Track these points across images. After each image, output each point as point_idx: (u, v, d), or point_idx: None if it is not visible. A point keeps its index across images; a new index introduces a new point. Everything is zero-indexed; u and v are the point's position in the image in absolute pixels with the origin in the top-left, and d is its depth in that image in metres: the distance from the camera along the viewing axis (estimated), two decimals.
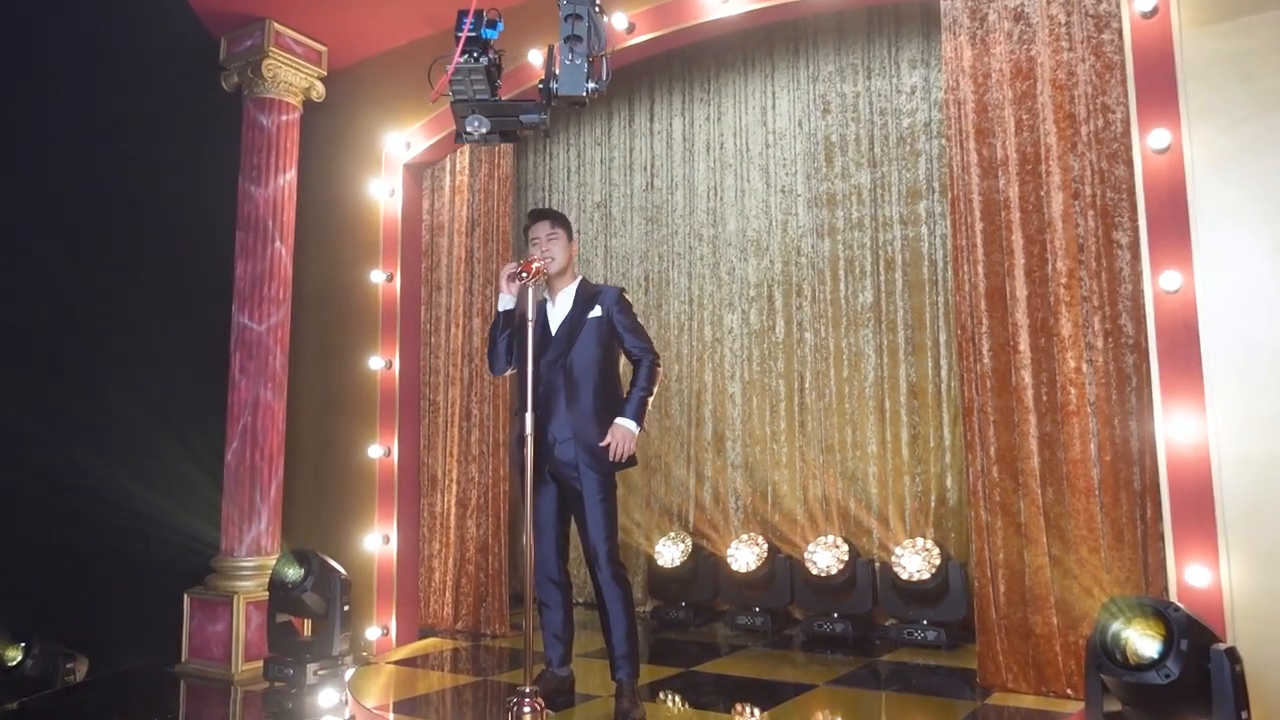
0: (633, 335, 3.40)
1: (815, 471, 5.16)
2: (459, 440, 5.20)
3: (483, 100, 2.47)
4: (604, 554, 3.27)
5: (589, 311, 3.40)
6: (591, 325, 3.38)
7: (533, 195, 6.46)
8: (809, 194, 5.39)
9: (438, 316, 5.32)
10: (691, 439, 5.58)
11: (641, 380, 3.31)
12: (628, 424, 3.26)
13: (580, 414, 3.31)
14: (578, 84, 2.42)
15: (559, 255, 3.43)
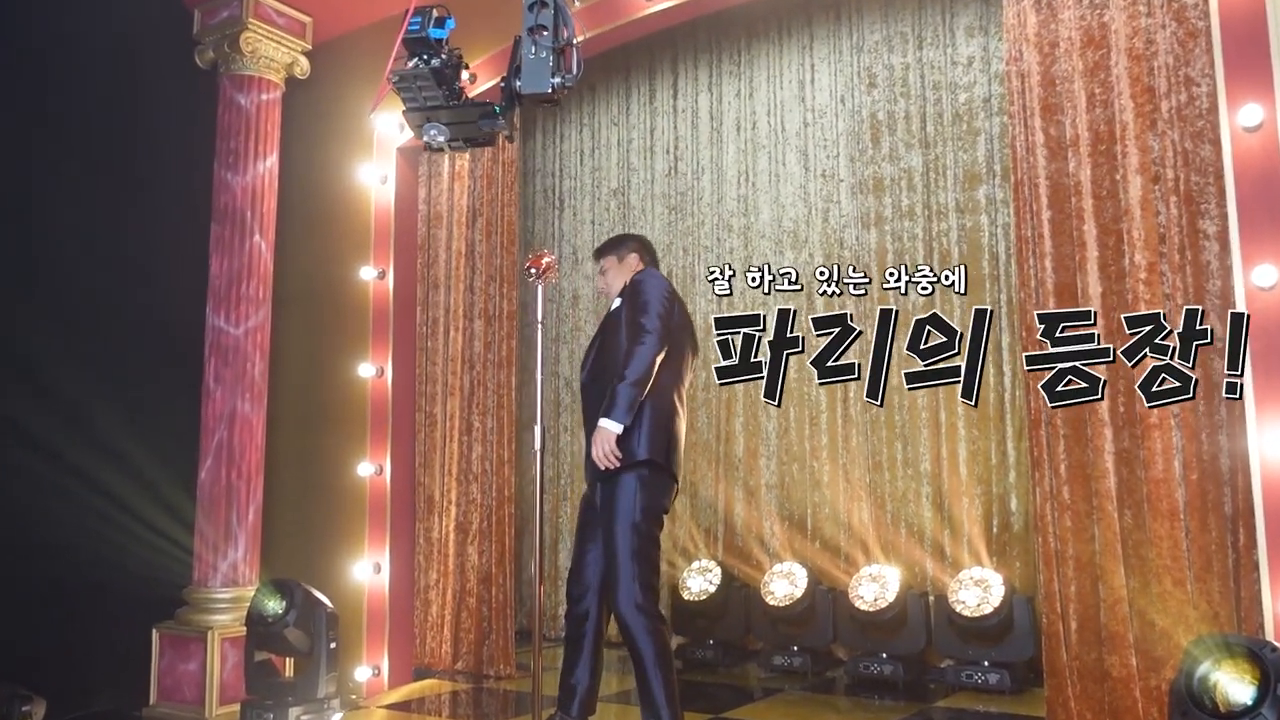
0: (634, 312, 3.21)
1: (861, 493, 5.17)
2: (459, 457, 5.24)
3: (436, 107, 2.47)
4: (632, 599, 3.08)
5: (612, 304, 3.44)
6: (611, 321, 3.40)
7: (541, 181, 6.52)
8: (853, 179, 5.41)
9: (435, 318, 5.37)
10: (720, 455, 5.61)
11: (624, 368, 3.11)
12: (604, 424, 3.09)
13: (592, 423, 3.29)
14: (541, 80, 2.42)
15: (613, 284, 3.50)
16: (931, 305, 5.09)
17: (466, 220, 5.40)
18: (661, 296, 3.24)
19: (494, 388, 5.35)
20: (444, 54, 2.42)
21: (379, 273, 5.30)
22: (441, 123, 2.52)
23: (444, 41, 2.44)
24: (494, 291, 5.42)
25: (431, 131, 2.51)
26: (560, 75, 2.42)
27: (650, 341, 3.15)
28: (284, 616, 4.38)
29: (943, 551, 4.91)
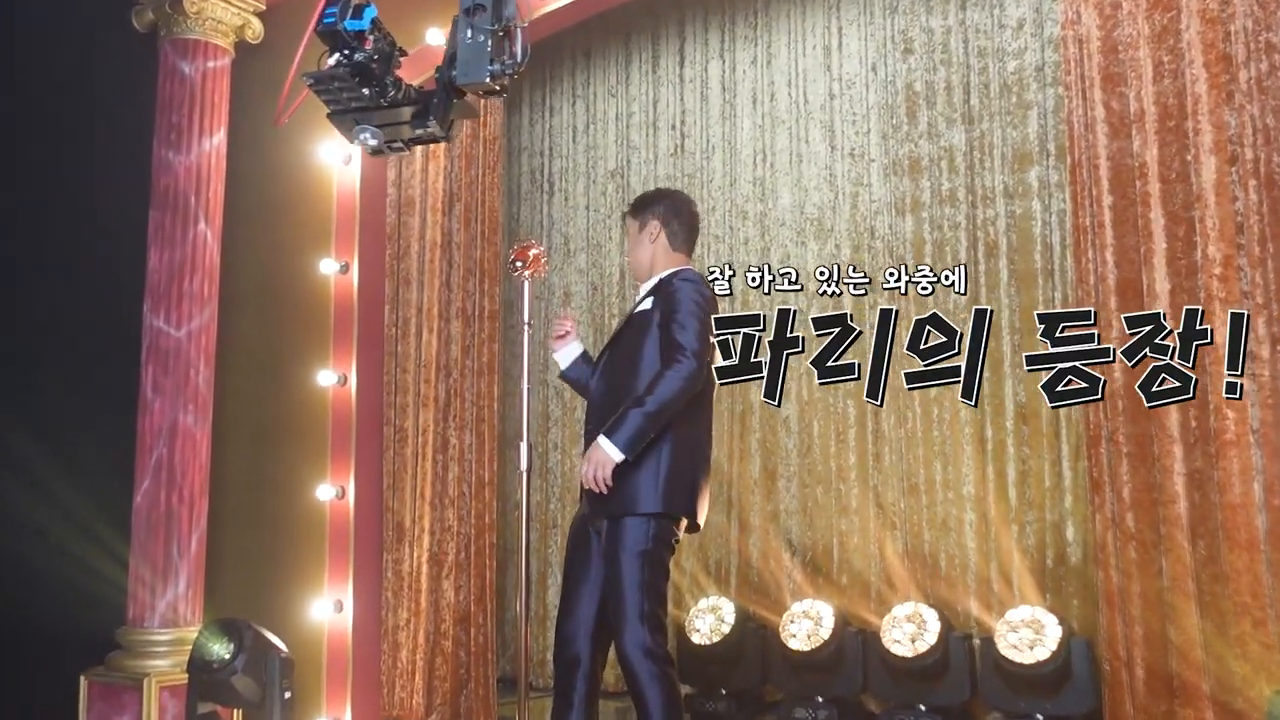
0: (669, 327, 3.18)
1: (895, 519, 5.19)
2: (433, 478, 5.26)
3: (363, 109, 2.44)
4: (639, 643, 3.08)
5: (638, 305, 3.37)
6: (637, 323, 3.33)
7: (528, 161, 6.54)
8: (886, 159, 5.44)
9: (406, 318, 5.39)
10: (734, 476, 5.63)
11: (652, 389, 3.11)
12: (604, 445, 3.08)
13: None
14: (478, 68, 2.35)
15: (631, 254, 3.51)
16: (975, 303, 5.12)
17: (442, 206, 5.41)
18: (704, 309, 3.22)
19: (473, 398, 5.37)
20: (370, 44, 2.39)
21: (342, 266, 5.31)
22: (374, 125, 2.49)
23: (365, 33, 2.40)
24: (474, 288, 5.44)
25: (363, 135, 2.49)
26: (500, 62, 2.39)
27: (687, 369, 3.13)
28: (231, 662, 4.39)
29: (989, 588, 4.93)
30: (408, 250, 5.43)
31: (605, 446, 3.09)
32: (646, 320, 3.31)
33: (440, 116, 2.49)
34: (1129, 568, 3.73)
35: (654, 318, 3.28)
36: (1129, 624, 3.73)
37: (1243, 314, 3.00)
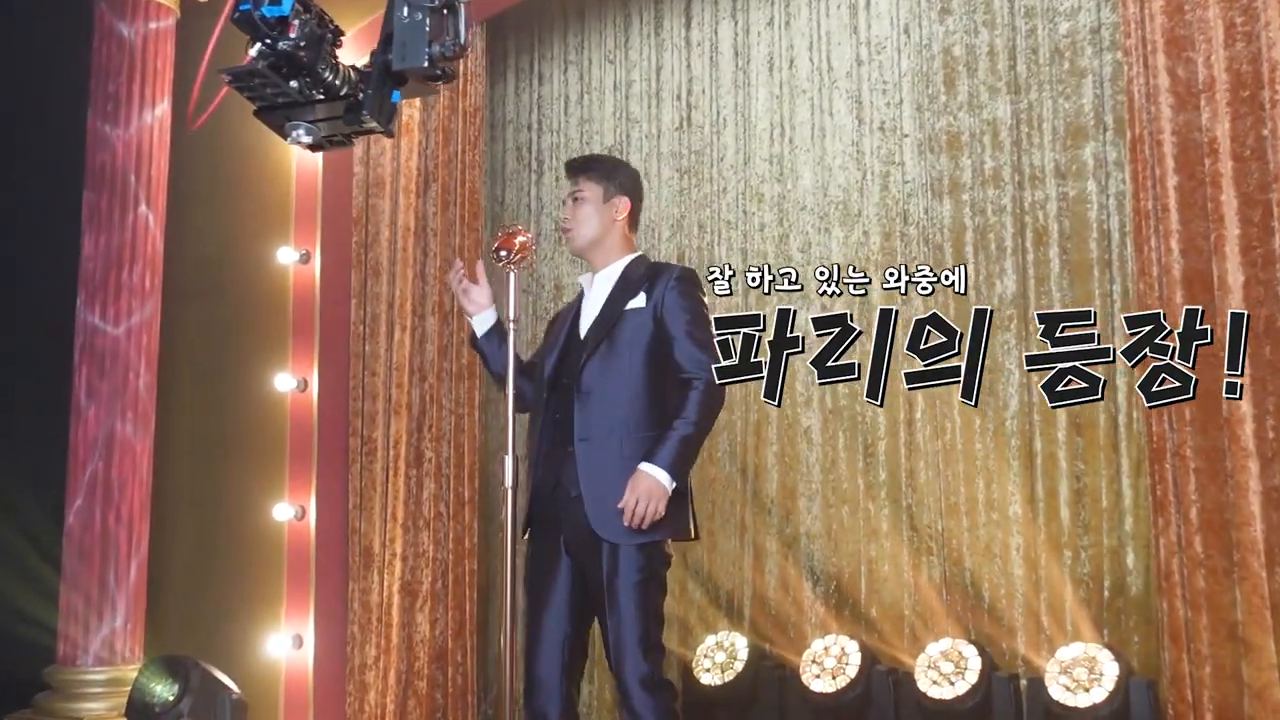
0: (689, 339, 3.37)
1: (930, 544, 5.17)
2: (405, 497, 5.25)
3: (291, 104, 2.42)
4: (640, 675, 3.19)
5: (627, 300, 3.42)
6: (630, 321, 3.40)
7: (514, 136, 6.52)
8: (921, 134, 5.41)
9: (376, 314, 5.38)
10: (748, 495, 5.61)
11: (690, 410, 3.29)
12: (654, 473, 3.22)
13: (606, 458, 3.30)
14: (415, 51, 2.35)
15: (583, 223, 3.52)
16: (1022, 298, 5.10)
17: (416, 187, 5.42)
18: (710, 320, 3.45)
19: (451, 406, 5.36)
20: (295, 29, 2.36)
21: (301, 255, 5.31)
22: (307, 121, 2.46)
23: (288, 18, 2.36)
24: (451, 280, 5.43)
25: (297, 133, 2.45)
26: (441, 43, 2.36)
27: (717, 389, 3.34)
28: (176, 705, 4.39)
29: (1038, 621, 4.90)
30: (377, 237, 5.43)
31: (656, 474, 3.22)
32: (642, 321, 3.39)
33: (375, 108, 2.44)
34: (1197, 598, 3.70)
35: (650, 317, 3.39)
36: (1197, 662, 3.70)
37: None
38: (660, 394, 3.37)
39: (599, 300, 3.49)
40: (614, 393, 3.34)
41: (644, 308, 3.40)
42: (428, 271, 5.42)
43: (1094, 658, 4.52)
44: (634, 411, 3.33)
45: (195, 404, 5.47)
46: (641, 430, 3.33)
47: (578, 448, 3.32)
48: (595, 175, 3.58)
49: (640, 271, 3.50)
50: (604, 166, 3.64)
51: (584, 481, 3.29)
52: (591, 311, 3.50)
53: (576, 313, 3.54)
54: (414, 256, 5.39)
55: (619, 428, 3.31)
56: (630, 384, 3.34)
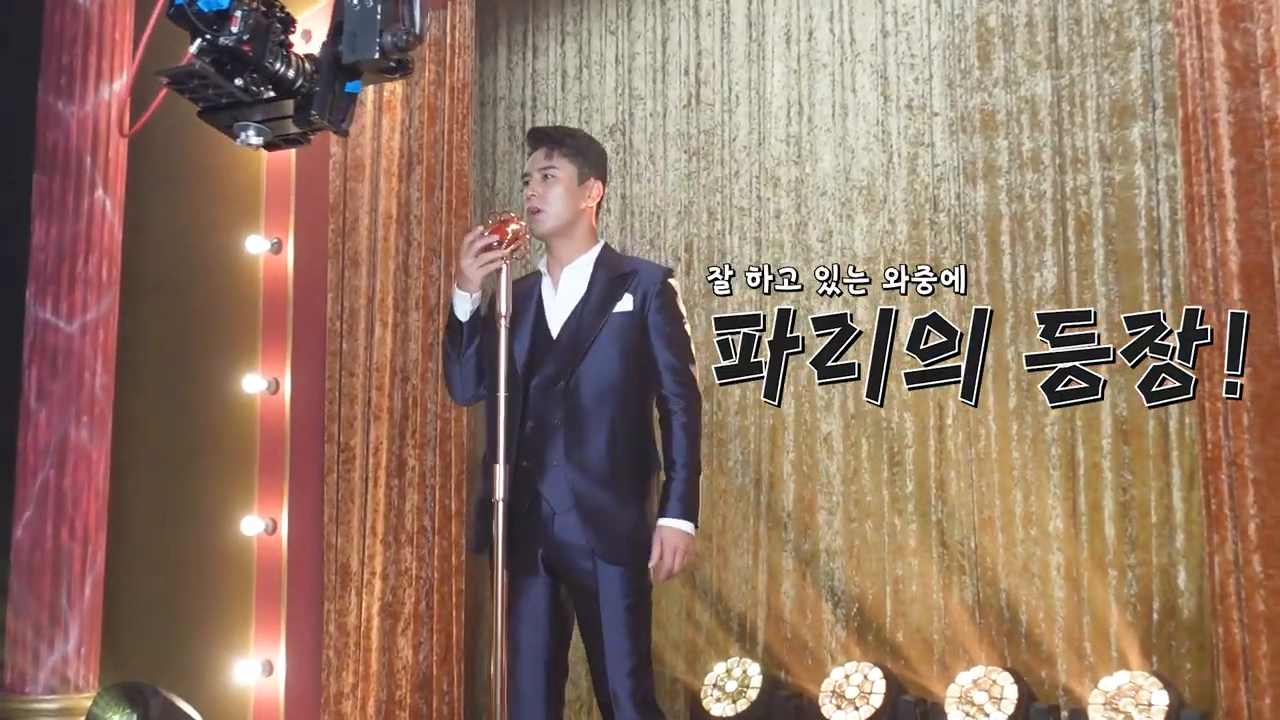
0: (671, 352, 3.44)
1: (962, 562, 5.16)
2: (386, 509, 5.25)
3: (236, 104, 2.39)
4: (629, 694, 3.29)
5: (614, 301, 3.43)
6: (618, 325, 3.42)
7: (506, 114, 6.52)
8: (952, 112, 5.39)
9: (355, 309, 5.39)
10: (762, 508, 5.60)
11: (681, 450, 3.39)
12: (679, 526, 3.35)
13: (593, 469, 3.33)
14: (366, 43, 2.32)
15: (555, 205, 3.47)
16: (1063, 292, 5.08)
17: (399, 170, 5.42)
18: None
19: (437, 410, 5.36)
20: (237, 21, 2.32)
21: (273, 244, 5.30)
22: (256, 121, 2.43)
23: (227, 11, 2.32)
24: (438, 271, 5.43)
25: (245, 135, 2.43)
26: (394, 32, 2.33)
27: (699, 415, 3.47)
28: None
29: (1080, 647, 4.88)
30: (356, 225, 5.44)
31: (679, 526, 3.35)
32: (630, 324, 3.42)
33: (326, 105, 2.41)
34: (1255, 623, 3.68)
35: (638, 321, 3.44)
36: (1255, 692, 3.68)
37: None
38: (642, 398, 3.45)
39: (572, 296, 3.48)
40: (604, 402, 3.38)
41: (632, 311, 3.43)
42: (411, 262, 5.41)
43: (1142, 687, 4.51)
44: (625, 422, 3.39)
45: (157, 407, 5.46)
46: (633, 442, 3.41)
47: (568, 463, 3.35)
48: (570, 152, 3.52)
49: (620, 268, 3.51)
50: (579, 143, 3.58)
51: (577, 499, 3.32)
52: (562, 307, 3.47)
53: (539, 305, 3.50)
54: (396, 246, 5.39)
55: (610, 440, 3.36)
56: (620, 392, 3.39)
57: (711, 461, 5.70)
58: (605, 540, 3.32)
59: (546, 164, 3.48)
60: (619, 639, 3.30)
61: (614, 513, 3.34)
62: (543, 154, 3.50)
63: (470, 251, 3.22)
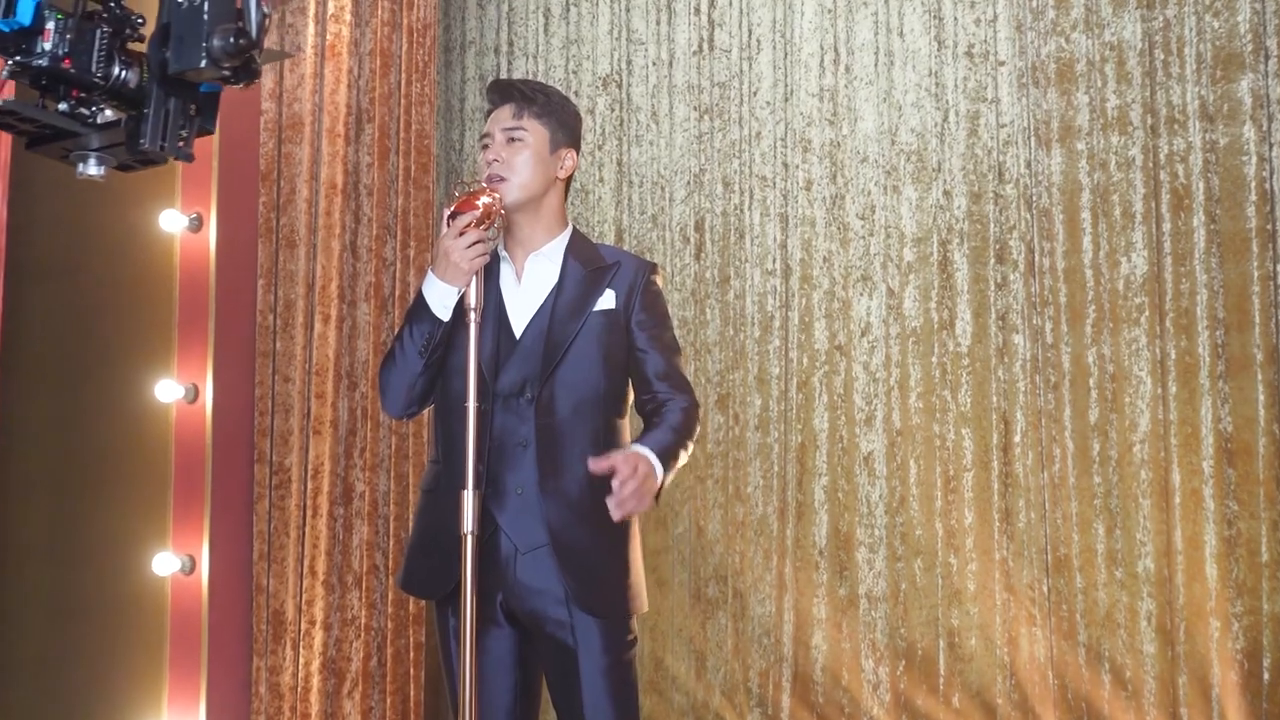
0: (662, 358, 3.49)
1: (1032, 610, 5.18)
2: (330, 545, 5.26)
3: (63, 134, 2.35)
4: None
5: (593, 297, 3.44)
6: (598, 326, 3.43)
7: (477, 62, 6.49)
8: (1021, 61, 5.44)
9: (291, 300, 5.41)
10: (788, 544, 5.63)
11: (675, 419, 3.42)
12: (648, 456, 3.28)
13: (572, 500, 3.33)
14: (190, 50, 2.22)
15: (523, 173, 3.45)
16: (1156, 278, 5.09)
17: (346, 130, 5.42)
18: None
19: (391, 423, 5.36)
20: (49, 36, 2.29)
21: (191, 221, 5.29)
22: (93, 150, 2.42)
23: (32, 28, 2.28)
24: (393, 254, 5.48)
25: (84, 166, 2.43)
26: (223, 35, 2.25)
27: (697, 411, 3.50)
28: None
29: (1175, 713, 4.90)
30: (293, 197, 5.44)
31: (652, 460, 3.27)
32: (613, 325, 3.44)
33: (157, 129, 2.36)
34: None
35: (618, 326, 3.46)
36: None
37: None
38: (622, 411, 3.49)
39: (539, 289, 3.47)
40: (585, 419, 3.39)
41: (615, 309, 3.45)
42: (360, 243, 5.42)
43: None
44: (600, 432, 3.41)
45: (48, 420, 5.44)
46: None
47: (541, 491, 3.34)
48: (542, 112, 3.51)
49: (597, 259, 3.52)
50: (552, 102, 3.56)
51: (553, 535, 3.32)
52: (527, 303, 3.46)
53: (499, 299, 3.48)
54: (342, 223, 5.39)
55: (583, 457, 3.32)
56: (604, 407, 3.42)
57: (726, 487, 5.74)
58: (585, 585, 3.30)
59: (514, 124, 3.46)
60: (601, 703, 3.31)
61: (596, 553, 3.34)
62: (509, 112, 3.48)
63: (455, 234, 3.21)
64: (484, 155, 3.50)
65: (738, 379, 5.79)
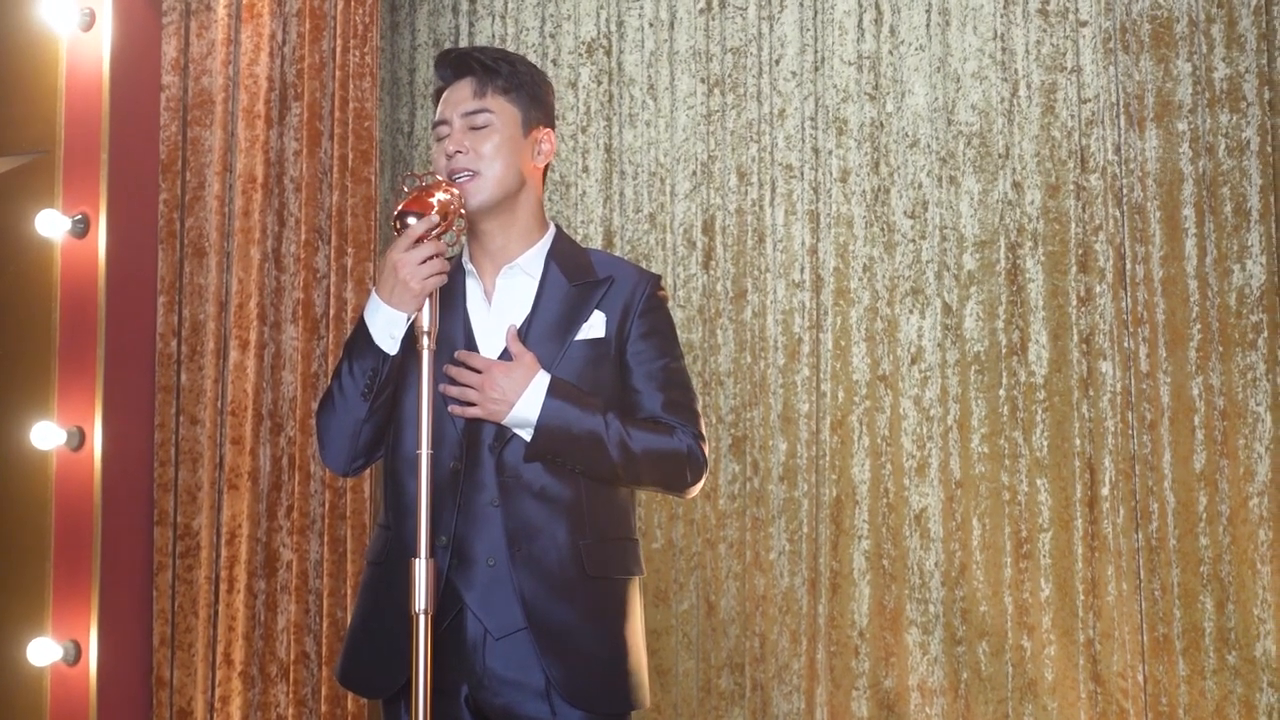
0: (657, 393, 3.45)
1: (1124, 704, 5.20)
2: (247, 627, 5.27)
3: None
4: None
5: (578, 321, 3.42)
6: (580, 357, 3.41)
7: (430, 24, 6.47)
8: (1108, 21, 5.49)
9: (199, 321, 5.45)
10: (820, 624, 5.66)
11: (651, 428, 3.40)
12: (538, 383, 3.31)
13: (551, 570, 3.33)
14: None
15: (495, 165, 3.44)
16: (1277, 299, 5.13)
17: (267, 109, 5.46)
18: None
19: (326, 475, 5.36)
20: None
21: (75, 224, 5.32)
22: None
23: None
24: (325, 264, 5.50)
25: None
26: None
27: (702, 463, 3.46)
28: None
29: None
30: (201, 193, 5.49)
31: (537, 385, 3.29)
32: (600, 357, 3.42)
33: None
34: None
35: (612, 352, 3.43)
36: None
37: None
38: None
39: (513, 310, 3.45)
40: (559, 469, 3.37)
41: (604, 338, 3.43)
42: (285, 250, 5.46)
43: None
44: (596, 502, 3.39)
45: None
46: (607, 531, 3.40)
47: (513, 561, 3.33)
48: (509, 87, 3.50)
49: (587, 271, 3.52)
50: (520, 74, 3.54)
51: (530, 614, 3.31)
52: (497, 326, 3.45)
53: (464, 322, 3.46)
54: (262, 226, 5.42)
55: (574, 527, 3.35)
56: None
57: (743, 553, 5.76)
58: (571, 672, 3.29)
59: (476, 105, 3.44)
60: None
61: (584, 633, 3.33)
62: (468, 90, 3.46)
63: (406, 245, 3.18)
64: (439, 147, 3.46)
65: (757, 418, 5.81)
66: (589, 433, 3.29)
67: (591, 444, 3.29)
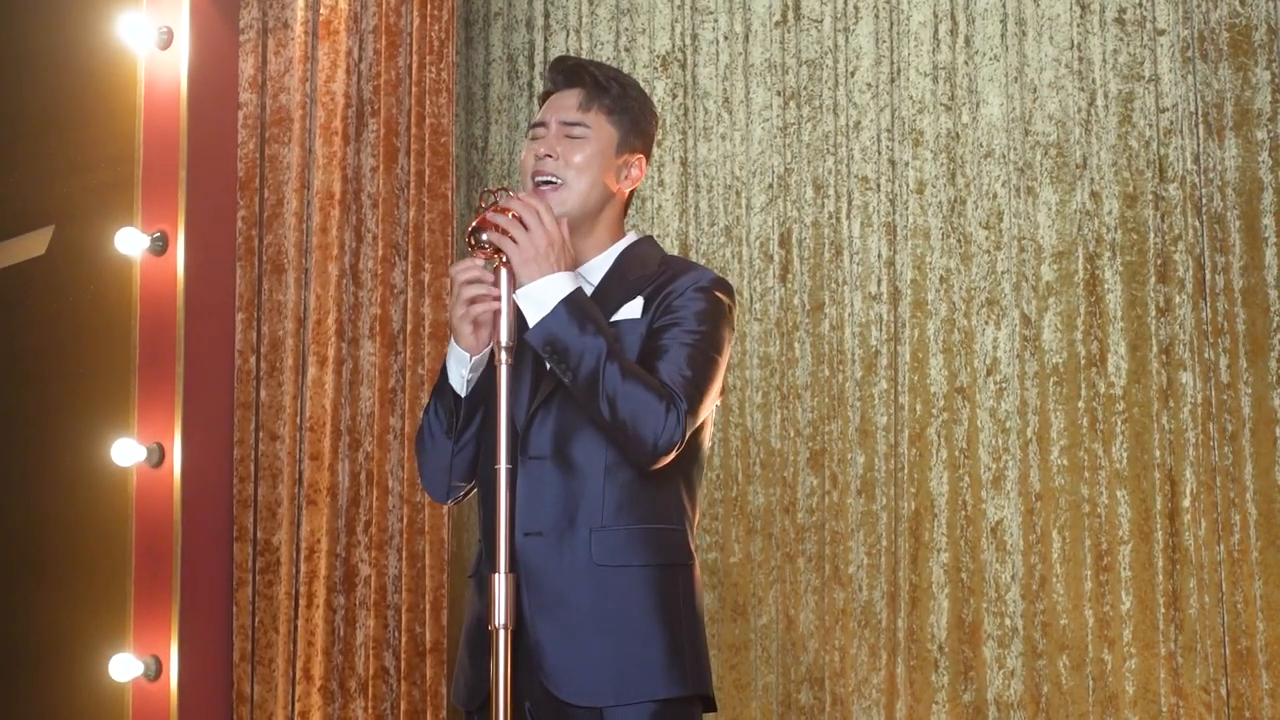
0: (672, 357, 3.26)
1: (1208, 716, 5.17)
2: (327, 642, 5.31)
3: None
4: None
5: (619, 304, 3.36)
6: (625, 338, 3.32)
7: (505, 39, 6.49)
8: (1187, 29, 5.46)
9: (278, 338, 5.49)
10: (899, 638, 5.65)
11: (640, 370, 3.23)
12: (557, 280, 3.18)
13: (599, 574, 3.28)
14: None
15: (582, 179, 3.41)
16: None
17: (344, 126, 5.50)
18: (727, 345, 3.41)
19: (404, 490, 5.40)
20: None
21: (154, 241, 5.34)
22: None
23: None
24: (402, 279, 5.52)
25: None
26: None
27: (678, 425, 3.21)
28: None
29: None
30: (280, 211, 5.53)
31: (559, 279, 3.17)
32: (632, 342, 3.33)
33: None
34: None
35: (644, 332, 3.34)
36: None
37: None
38: (676, 460, 3.31)
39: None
40: (581, 455, 3.32)
41: (638, 319, 3.35)
42: (363, 266, 5.49)
43: None
44: (609, 486, 3.29)
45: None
46: (623, 515, 3.29)
47: (560, 557, 3.28)
48: (615, 108, 3.48)
49: (646, 263, 3.47)
50: (630, 98, 3.51)
51: (580, 614, 3.26)
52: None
53: (519, 326, 3.30)
54: (340, 242, 5.46)
55: (621, 517, 3.29)
56: (604, 442, 3.28)
57: (822, 567, 5.75)
58: (621, 676, 3.21)
59: (578, 118, 3.41)
60: None
61: (639, 645, 3.24)
62: (574, 100, 3.43)
63: (456, 290, 3.17)
64: (530, 146, 3.43)
65: (835, 431, 5.81)
66: (598, 333, 3.16)
67: (587, 359, 3.15)
